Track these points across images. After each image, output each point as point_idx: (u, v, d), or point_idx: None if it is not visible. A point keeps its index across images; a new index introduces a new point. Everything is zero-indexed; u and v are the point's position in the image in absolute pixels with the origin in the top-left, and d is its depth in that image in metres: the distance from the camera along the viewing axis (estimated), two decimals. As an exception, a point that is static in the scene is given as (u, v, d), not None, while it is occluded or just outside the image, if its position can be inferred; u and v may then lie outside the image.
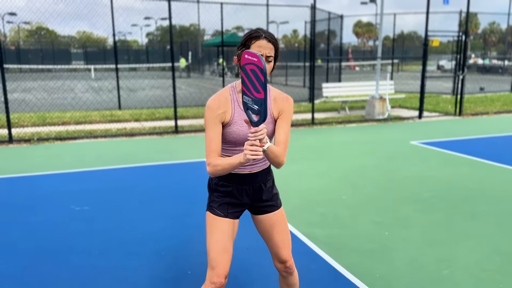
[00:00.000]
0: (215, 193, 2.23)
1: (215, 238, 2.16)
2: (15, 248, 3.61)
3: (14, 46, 44.18)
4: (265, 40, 1.99)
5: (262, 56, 1.83)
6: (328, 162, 6.50)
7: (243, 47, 2.01)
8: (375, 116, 10.68)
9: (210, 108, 2.04)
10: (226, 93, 2.08)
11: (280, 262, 2.33)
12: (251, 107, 1.88)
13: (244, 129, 2.08)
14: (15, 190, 5.14)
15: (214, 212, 2.20)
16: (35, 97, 14.80)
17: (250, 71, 1.83)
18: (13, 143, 7.81)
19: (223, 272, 2.11)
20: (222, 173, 2.04)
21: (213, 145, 2.06)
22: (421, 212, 4.44)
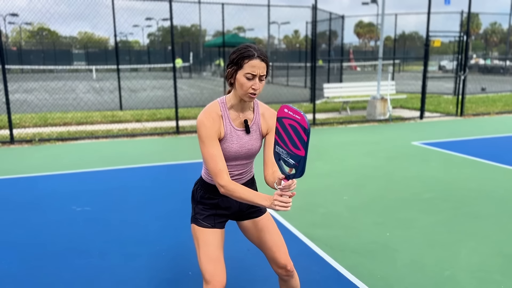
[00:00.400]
0: (200, 205, 2.22)
1: (205, 250, 2.12)
2: (16, 249, 3.61)
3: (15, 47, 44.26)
4: (258, 59, 1.93)
5: (304, 114, 1.73)
6: (329, 162, 6.49)
7: (235, 65, 1.96)
8: (376, 117, 10.67)
9: (205, 126, 1.98)
10: (216, 108, 2.04)
11: (279, 267, 2.28)
12: (284, 159, 1.84)
13: (234, 146, 2.07)
14: (17, 191, 5.14)
15: (201, 224, 2.17)
16: (36, 97, 14.82)
17: (288, 125, 1.78)
18: (15, 143, 7.82)
19: (219, 284, 2.07)
20: (235, 198, 1.97)
21: (221, 163, 1.99)
22: (422, 213, 4.43)
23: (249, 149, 2.12)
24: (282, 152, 1.84)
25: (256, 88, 1.94)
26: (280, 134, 1.83)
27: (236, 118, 2.07)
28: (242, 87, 1.95)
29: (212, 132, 1.99)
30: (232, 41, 22.95)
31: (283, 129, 1.81)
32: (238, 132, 2.07)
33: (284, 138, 1.81)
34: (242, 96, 1.98)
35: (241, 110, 2.08)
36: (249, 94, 1.96)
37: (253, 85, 1.94)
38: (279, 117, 1.82)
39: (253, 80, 1.94)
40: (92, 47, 47.83)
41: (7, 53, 36.52)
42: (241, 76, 1.94)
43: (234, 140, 2.06)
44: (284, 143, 1.82)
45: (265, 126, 2.15)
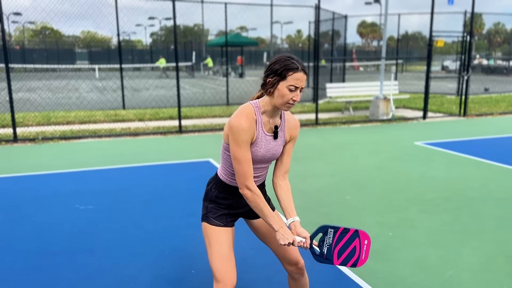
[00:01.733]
0: (213, 204, 2.24)
1: (217, 248, 2.15)
2: (20, 247, 3.62)
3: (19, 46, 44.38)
4: (302, 72, 1.99)
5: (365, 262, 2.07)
6: (332, 162, 6.50)
7: (277, 76, 1.99)
8: (379, 117, 10.66)
9: (244, 130, 2.00)
10: (252, 113, 2.06)
11: (290, 264, 2.29)
12: (324, 241, 2.05)
13: (262, 150, 2.11)
14: (20, 189, 5.16)
15: (213, 223, 2.19)
16: (39, 96, 14.87)
17: (353, 246, 2.04)
18: (18, 142, 7.85)
19: (231, 283, 2.09)
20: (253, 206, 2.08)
21: (251, 168, 2.05)
22: (425, 213, 4.42)
23: (273, 154, 2.16)
24: (329, 239, 2.06)
25: (297, 100, 2.01)
26: (343, 236, 2.05)
27: (266, 124, 2.10)
28: (284, 97, 2.00)
29: (249, 137, 2.02)
30: (235, 41, 22.97)
31: (348, 240, 2.05)
32: (267, 137, 2.11)
33: (340, 241, 2.05)
34: (281, 105, 2.03)
35: (272, 116, 2.12)
36: (288, 104, 2.02)
37: (294, 96, 1.99)
38: (357, 233, 2.05)
39: (295, 92, 2.00)
40: (95, 46, 47.92)
41: (10, 52, 36.70)
42: (283, 87, 1.99)
43: (262, 144, 2.10)
44: (336, 242, 2.05)
45: (289, 133, 2.20)
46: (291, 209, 2.16)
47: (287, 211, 2.16)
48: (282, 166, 2.23)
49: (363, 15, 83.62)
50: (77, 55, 43.65)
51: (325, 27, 14.79)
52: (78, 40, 53.15)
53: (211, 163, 6.40)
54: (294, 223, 2.12)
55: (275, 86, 2.01)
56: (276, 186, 2.22)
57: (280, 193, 2.20)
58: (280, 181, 2.22)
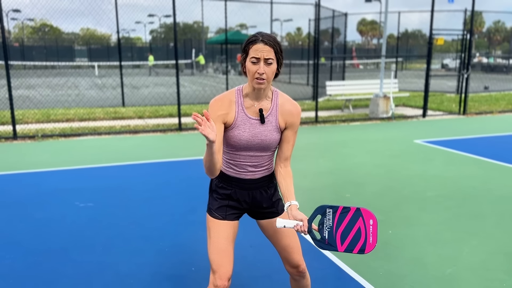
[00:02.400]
0: (214, 194, 2.23)
1: (214, 240, 2.15)
2: (20, 245, 3.62)
3: (18, 43, 44.30)
4: (262, 43, 1.93)
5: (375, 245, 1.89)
6: (331, 160, 6.50)
7: (244, 53, 2.01)
8: (379, 115, 10.66)
9: (211, 108, 2.03)
10: (231, 95, 2.06)
11: (291, 266, 2.30)
12: (323, 224, 1.88)
13: (246, 134, 2.07)
14: (20, 186, 5.16)
15: (213, 215, 2.19)
16: (39, 93, 14.85)
17: (357, 227, 1.86)
18: (18, 139, 7.85)
19: (225, 275, 2.09)
20: (208, 169, 1.99)
21: (220, 146, 2.03)
22: (424, 211, 4.43)
23: (262, 139, 2.09)
24: (329, 221, 1.88)
25: (261, 71, 1.92)
26: (343, 216, 1.87)
27: (250, 107, 2.06)
28: (249, 72, 1.97)
29: (215, 116, 2.01)
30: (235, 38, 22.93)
31: (350, 221, 1.86)
32: (251, 121, 2.06)
33: (342, 223, 1.86)
34: (251, 82, 1.99)
35: (256, 98, 2.07)
36: (256, 79, 1.95)
37: (258, 69, 1.93)
38: (360, 212, 1.87)
39: (258, 64, 1.93)
40: (95, 43, 47.85)
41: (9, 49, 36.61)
42: (248, 62, 1.96)
43: (246, 128, 2.06)
44: (337, 224, 1.87)
45: (283, 119, 2.11)
46: (289, 193, 2.11)
47: (285, 195, 2.12)
48: (282, 154, 2.19)
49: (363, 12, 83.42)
50: (77, 52, 43.59)
51: (325, 25, 14.77)
52: (77, 37, 53.09)
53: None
54: (291, 207, 2.04)
55: (244, 64, 2.01)
56: (276, 173, 2.20)
57: (279, 179, 2.17)
58: (280, 168, 2.19)
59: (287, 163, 2.20)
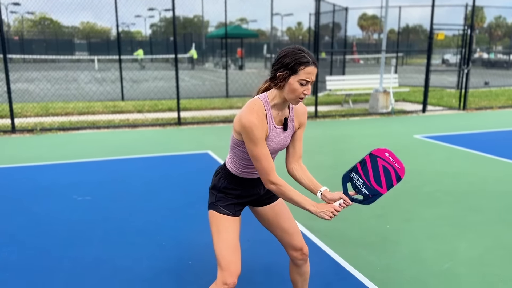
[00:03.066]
0: (221, 194, 2.23)
1: (224, 237, 2.14)
2: (16, 238, 3.62)
3: (17, 36, 44.13)
4: (313, 66, 1.95)
5: (404, 167, 1.99)
6: (330, 155, 6.49)
7: (288, 70, 1.95)
8: (378, 110, 10.64)
9: (257, 127, 1.96)
10: (262, 108, 2.03)
11: (295, 249, 2.32)
12: (357, 186, 2.00)
13: (273, 143, 2.10)
14: (17, 180, 5.15)
15: (221, 211, 2.19)
16: (38, 87, 14.81)
17: (382, 166, 1.98)
18: (16, 133, 7.83)
19: (236, 272, 2.09)
20: (282, 198, 2.07)
21: (271, 163, 2.04)
22: (423, 206, 4.42)
23: (283, 145, 2.16)
24: (358, 180, 2.01)
25: (308, 94, 1.98)
26: (365, 168, 2.00)
27: (276, 117, 2.09)
28: (295, 92, 1.96)
29: (262, 133, 1.99)
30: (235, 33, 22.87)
31: (373, 166, 1.99)
32: (277, 130, 2.10)
33: (368, 173, 1.99)
34: (291, 100, 2.00)
35: (282, 109, 2.10)
36: (298, 99, 1.99)
37: (304, 90, 1.96)
38: (374, 155, 2.00)
39: (306, 86, 1.96)
40: (94, 37, 47.69)
41: (8, 43, 36.51)
42: (294, 81, 1.94)
43: (273, 138, 2.09)
44: (366, 176, 2.00)
45: (298, 121, 2.18)
46: (314, 184, 2.15)
47: (312, 186, 2.15)
48: (295, 153, 2.22)
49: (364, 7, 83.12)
50: (76, 46, 43.44)
51: (325, 19, 14.71)
52: (77, 31, 52.92)
53: (210, 155, 6.39)
54: (324, 193, 2.11)
55: (286, 80, 1.97)
56: (293, 171, 2.21)
57: (299, 176, 2.20)
58: (296, 166, 2.22)
59: (300, 161, 2.25)
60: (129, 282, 2.95)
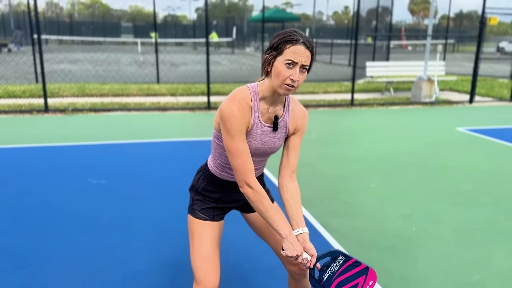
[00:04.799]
0: (199, 196, 1.98)
1: (199, 245, 1.88)
2: (24, 219, 3.56)
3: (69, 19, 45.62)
4: (303, 46, 1.63)
5: None
6: (361, 146, 6.10)
7: (274, 50, 1.66)
8: (421, 99, 10.02)
9: (236, 117, 1.69)
10: (247, 98, 1.74)
11: (292, 264, 2.01)
12: (328, 267, 1.78)
13: (256, 143, 1.79)
14: (40, 159, 5.15)
15: (197, 216, 1.93)
16: (80, 68, 15.13)
17: (355, 282, 1.77)
18: (49, 112, 7.94)
19: (211, 285, 1.83)
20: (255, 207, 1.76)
21: (250, 161, 1.73)
22: (457, 206, 4.01)
23: (270, 147, 1.85)
24: (335, 267, 1.78)
25: (295, 78, 1.63)
26: (349, 269, 1.78)
27: (265, 112, 1.78)
28: (279, 76, 1.65)
29: (242, 126, 1.71)
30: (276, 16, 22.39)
31: (353, 276, 1.78)
32: (264, 128, 1.79)
33: (345, 274, 1.78)
34: (278, 87, 1.68)
35: (272, 103, 1.78)
36: (286, 85, 1.66)
37: (292, 74, 1.63)
38: (365, 271, 1.77)
39: (293, 69, 1.64)
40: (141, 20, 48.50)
41: (59, 25, 37.82)
42: (280, 63, 1.64)
43: (258, 136, 1.79)
44: (340, 273, 1.78)
45: (293, 124, 1.87)
46: (299, 217, 1.83)
47: (294, 219, 1.82)
48: (289, 165, 1.89)
49: (416, -9, 79.42)
50: (123, 29, 44.34)
51: (372, 3, 14.08)
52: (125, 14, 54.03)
53: (234, 141, 6.17)
54: (303, 236, 1.79)
55: (271, 63, 1.67)
56: (283, 188, 1.88)
57: (286, 197, 1.86)
58: (287, 182, 1.89)
59: (294, 176, 1.91)
60: (124, 273, 2.80)
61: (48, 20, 38.15)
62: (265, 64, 1.70)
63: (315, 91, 11.25)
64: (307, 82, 12.94)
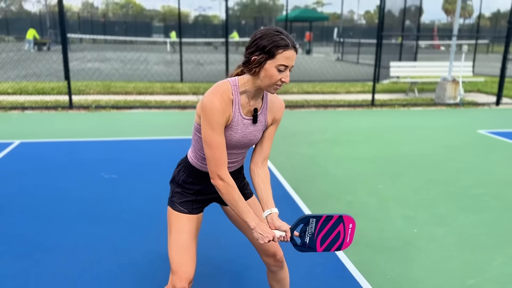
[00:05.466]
0: (179, 188, 2.04)
1: (176, 237, 1.95)
2: (35, 210, 3.73)
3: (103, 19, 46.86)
4: (293, 50, 1.74)
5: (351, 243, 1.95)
6: (375, 147, 6.04)
7: (265, 54, 1.72)
8: (445, 100, 9.79)
9: (218, 110, 1.75)
10: (228, 92, 1.79)
11: (267, 255, 2.09)
12: (305, 231, 1.88)
13: (237, 135, 1.86)
14: (56, 154, 5.35)
15: (176, 208, 2.00)
16: (108, 67, 15.55)
17: (337, 231, 1.89)
18: (73, 109, 8.23)
19: (185, 276, 1.90)
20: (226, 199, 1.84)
21: (224, 156, 1.81)
22: (464, 210, 3.93)
23: (251, 139, 1.92)
24: (311, 228, 1.88)
25: (286, 81, 1.76)
26: (326, 224, 1.88)
27: (245, 106, 1.85)
28: (271, 78, 1.74)
29: (222, 119, 1.77)
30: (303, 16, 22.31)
31: (331, 227, 1.89)
32: (244, 121, 1.86)
33: (323, 229, 1.89)
34: (267, 87, 1.78)
35: (253, 97, 1.86)
36: (276, 86, 1.77)
37: (283, 77, 1.75)
38: (342, 219, 1.88)
39: (284, 72, 1.75)
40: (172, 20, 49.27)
41: (93, 24, 38.93)
42: (271, 66, 1.73)
43: (239, 129, 1.85)
44: (319, 230, 1.88)
45: (271, 116, 1.95)
46: (268, 200, 1.94)
47: (264, 201, 1.94)
48: (262, 152, 2.00)
49: (451, -10, 77.31)
50: (154, 28, 45.18)
51: (406, 2, 13.97)
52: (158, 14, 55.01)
53: (247, 140, 6.23)
54: (272, 216, 1.91)
55: (262, 65, 1.74)
56: (253, 173, 1.99)
57: (257, 181, 1.97)
58: (258, 168, 2.00)
59: (265, 163, 2.01)
60: (121, 264, 2.90)
61: (82, 20, 39.35)
62: (253, 65, 1.75)
63: (337, 91, 11.17)
64: (329, 82, 12.86)
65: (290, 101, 9.61)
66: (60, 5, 7.65)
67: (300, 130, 7.00)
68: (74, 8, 52.10)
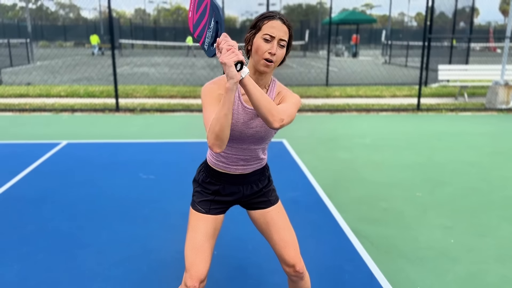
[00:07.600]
0: (199, 187, 2.07)
1: (192, 236, 1.98)
2: (74, 208, 3.91)
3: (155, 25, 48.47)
4: (280, 21, 1.76)
5: None
6: (417, 153, 5.84)
7: (253, 29, 1.80)
8: (496, 105, 9.31)
9: (209, 90, 1.80)
10: (224, 81, 1.82)
11: (287, 265, 2.06)
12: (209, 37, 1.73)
13: (240, 125, 1.86)
14: (100, 154, 5.58)
15: (195, 208, 2.03)
16: (157, 71, 16.04)
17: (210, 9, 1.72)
18: (120, 112, 8.56)
19: (197, 275, 1.91)
20: (220, 132, 1.65)
21: None
22: (506, 220, 3.72)
23: (257, 131, 1.89)
24: (210, 32, 1.72)
25: (273, 51, 1.72)
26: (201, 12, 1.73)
27: None
28: (258, 50, 1.75)
29: (216, 100, 1.77)
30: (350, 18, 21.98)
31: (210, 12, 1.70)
32: (247, 110, 1.86)
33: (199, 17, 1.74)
34: (257, 63, 1.77)
35: None
36: (264, 60, 1.75)
37: (270, 49, 1.73)
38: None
39: (271, 43, 1.74)
40: (220, 25, 50.04)
41: (144, 30, 40.32)
42: (258, 38, 1.76)
43: (240, 118, 1.85)
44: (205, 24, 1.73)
45: (277, 101, 1.92)
46: None
47: None
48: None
49: (511, -11, 73.35)
50: (202, 33, 45.96)
51: (461, 3, 13.47)
52: (206, 19, 56.11)
53: (284, 144, 6.22)
54: None
55: (251, 40, 1.80)
56: None
57: None
58: None
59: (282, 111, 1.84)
60: (150, 262, 2.98)
61: (134, 26, 40.87)
62: (246, 43, 1.80)
63: (382, 95, 10.90)
64: (374, 86, 12.57)
65: (331, 104, 9.49)
66: (109, 14, 8.00)
67: (339, 134, 6.90)
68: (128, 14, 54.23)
